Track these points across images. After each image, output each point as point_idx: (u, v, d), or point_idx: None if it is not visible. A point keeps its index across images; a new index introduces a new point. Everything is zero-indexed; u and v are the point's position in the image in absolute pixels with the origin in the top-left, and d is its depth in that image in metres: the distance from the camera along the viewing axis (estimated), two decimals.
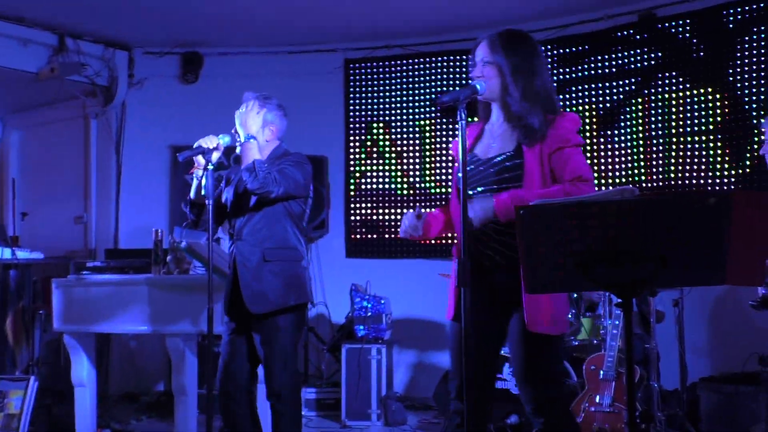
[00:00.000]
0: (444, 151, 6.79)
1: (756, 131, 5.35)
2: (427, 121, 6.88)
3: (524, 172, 2.76)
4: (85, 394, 4.89)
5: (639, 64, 6.02)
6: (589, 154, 6.14)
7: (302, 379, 6.01)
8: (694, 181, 5.68)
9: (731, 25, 5.57)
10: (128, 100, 7.21)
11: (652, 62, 5.96)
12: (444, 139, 6.82)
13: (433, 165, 6.85)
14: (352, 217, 7.00)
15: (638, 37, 6.02)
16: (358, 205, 6.99)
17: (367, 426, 5.61)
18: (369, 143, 7.02)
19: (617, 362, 4.29)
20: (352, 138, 7.06)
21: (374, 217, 6.95)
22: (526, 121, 2.78)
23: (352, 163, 7.03)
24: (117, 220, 7.26)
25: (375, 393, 5.68)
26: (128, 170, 7.27)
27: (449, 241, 6.55)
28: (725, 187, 5.55)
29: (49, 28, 6.57)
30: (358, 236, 6.99)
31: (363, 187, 7.00)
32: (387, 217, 6.92)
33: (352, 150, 7.05)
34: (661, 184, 5.85)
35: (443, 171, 6.80)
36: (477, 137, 2.96)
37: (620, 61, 6.11)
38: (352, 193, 7.01)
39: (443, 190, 6.77)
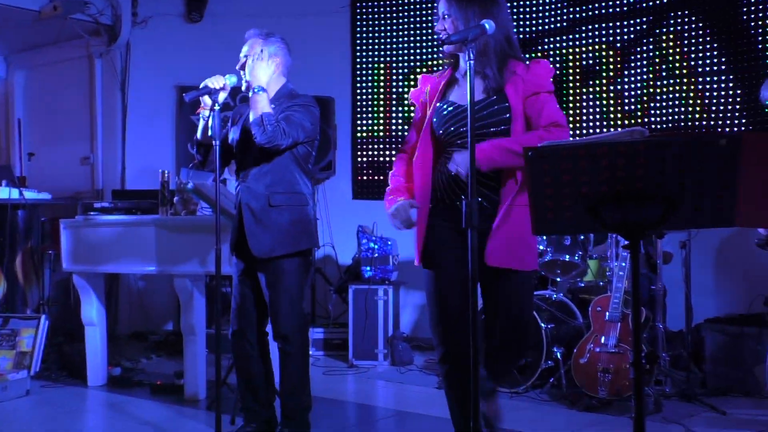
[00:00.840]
0: None
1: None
2: (435, 62, 6.79)
3: (512, 115, 2.82)
4: (95, 333, 4.96)
5: (651, 2, 5.90)
6: (599, 95, 6.07)
7: (309, 320, 6.06)
8: (705, 123, 5.62)
9: None
10: (132, 40, 7.14)
11: (665, 0, 5.84)
12: None
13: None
14: (359, 159, 6.98)
15: None
16: (364, 147, 6.96)
17: (374, 365, 5.69)
18: (376, 84, 6.95)
19: (623, 303, 4.31)
20: (359, 79, 6.98)
21: (381, 159, 6.92)
22: (482, 71, 2.83)
23: (358, 104, 6.98)
24: (123, 161, 7.26)
25: (382, 333, 5.73)
26: (134, 111, 7.23)
27: None
28: (736, 129, 5.49)
29: None
30: (365, 177, 6.97)
31: (369, 128, 6.96)
32: (393, 159, 6.87)
33: (359, 91, 6.98)
34: (671, 125, 5.78)
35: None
36: (447, 84, 2.99)
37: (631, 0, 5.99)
38: (358, 134, 6.97)
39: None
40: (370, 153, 6.96)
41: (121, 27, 7.03)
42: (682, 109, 5.73)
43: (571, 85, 6.21)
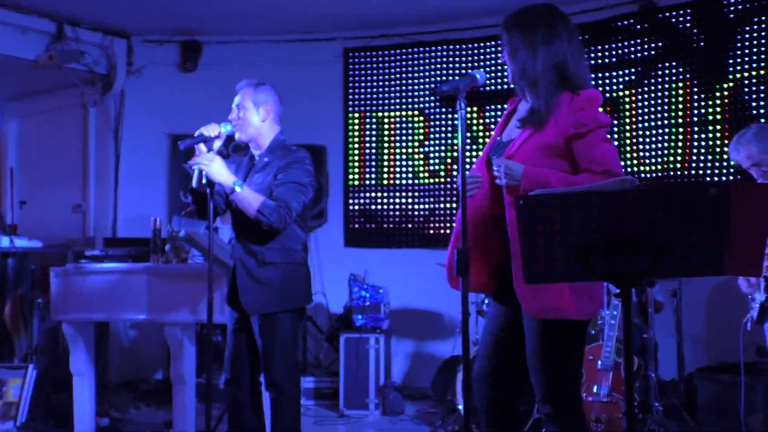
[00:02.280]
0: (442, 141, 6.78)
1: (756, 117, 5.34)
2: (427, 111, 6.87)
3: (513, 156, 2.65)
4: (83, 383, 4.89)
5: (640, 54, 6.01)
6: None
7: (301, 368, 6.02)
8: (694, 171, 5.68)
9: (731, 15, 5.56)
10: (127, 89, 7.19)
11: (653, 52, 5.94)
12: (443, 128, 6.81)
13: (432, 155, 6.84)
14: (351, 207, 7.00)
15: (639, 26, 6.01)
16: (356, 194, 6.99)
17: (365, 415, 5.63)
18: (368, 132, 7.01)
19: (615, 352, 4.30)
20: (351, 127, 7.05)
21: (373, 207, 6.95)
22: (532, 104, 2.70)
23: (351, 152, 7.03)
24: (115, 209, 7.26)
25: (373, 382, 5.69)
26: (127, 159, 7.26)
27: (446, 231, 6.56)
28: (724, 178, 5.55)
29: (47, 15, 6.54)
30: (357, 225, 6.99)
31: (361, 176, 6.99)
32: (385, 207, 6.92)
33: (351, 139, 7.04)
34: (661, 174, 5.84)
35: (441, 161, 6.79)
36: (506, 121, 2.87)
37: (621, 51, 6.09)
38: (350, 182, 7.01)
39: (438, 180, 6.75)
40: (362, 201, 6.98)
41: (116, 76, 7.10)
42: (672, 158, 5.80)
43: None
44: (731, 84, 5.55)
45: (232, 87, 3.76)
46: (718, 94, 5.61)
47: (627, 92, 6.06)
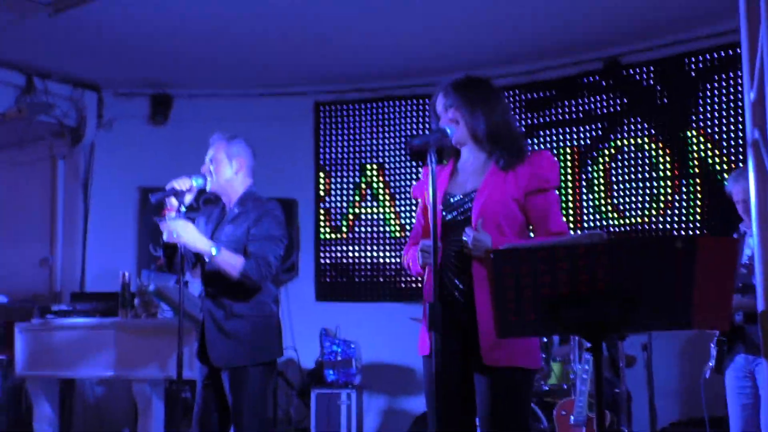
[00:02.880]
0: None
1: (718, 177, 5.45)
2: (397, 164, 6.92)
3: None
4: None
5: (605, 110, 6.13)
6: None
7: (271, 424, 5.92)
8: (661, 225, 5.76)
9: (693, 73, 5.71)
10: (97, 141, 7.16)
11: (618, 108, 6.07)
12: (413, 182, 6.85)
13: (402, 209, 6.87)
14: (322, 260, 6.98)
15: (604, 83, 6.15)
16: (328, 248, 6.98)
17: None
18: (339, 185, 7.03)
19: (587, 407, 4.29)
20: (322, 180, 7.07)
21: (344, 260, 6.94)
22: (496, 152, 2.77)
23: (321, 205, 7.04)
24: (83, 263, 7.16)
25: None
26: (96, 212, 7.18)
27: (418, 285, 6.54)
28: (690, 231, 5.63)
29: (16, 67, 6.52)
30: (328, 279, 6.96)
31: (333, 229, 6.99)
32: (357, 260, 6.90)
33: (322, 192, 7.06)
34: (628, 227, 5.92)
35: (412, 215, 6.83)
36: (449, 179, 2.91)
37: (587, 107, 6.22)
38: (322, 235, 7.00)
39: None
40: (333, 254, 6.97)
41: (86, 128, 7.07)
42: (638, 212, 5.88)
43: None
44: (694, 139, 5.67)
45: (202, 140, 3.77)
46: (680, 149, 5.73)
47: (593, 147, 6.16)
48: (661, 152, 5.83)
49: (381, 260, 6.84)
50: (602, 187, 6.08)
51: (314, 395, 5.68)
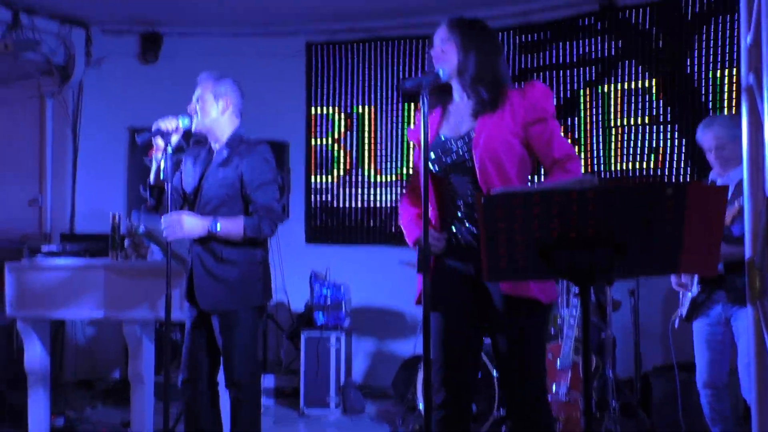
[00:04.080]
0: (405, 137, 6.77)
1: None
2: (389, 106, 6.86)
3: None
4: (38, 382, 4.79)
5: (599, 53, 6.06)
6: None
7: (261, 367, 5.98)
8: (652, 171, 5.75)
9: (689, 16, 5.63)
10: (85, 80, 7.07)
11: (613, 51, 6.00)
12: (405, 124, 6.80)
13: (394, 151, 6.83)
14: (313, 203, 6.97)
15: (599, 25, 6.06)
16: (319, 191, 6.96)
17: (326, 414, 5.61)
18: (331, 128, 6.98)
19: (573, 351, 4.33)
20: (313, 122, 7.01)
21: (335, 203, 6.92)
22: (478, 94, 2.76)
23: (313, 147, 6.99)
24: (73, 204, 7.13)
25: (334, 381, 5.67)
26: (85, 152, 7.13)
27: None
28: (681, 177, 5.62)
29: (1, 2, 6.36)
30: (319, 222, 6.96)
31: (324, 172, 6.96)
32: (347, 203, 6.89)
33: (313, 135, 7.00)
34: (619, 172, 5.91)
35: (405, 157, 6.79)
36: (440, 122, 2.90)
37: (581, 50, 6.14)
38: (313, 178, 6.97)
39: (402, 176, 6.75)
40: (324, 197, 6.95)
41: (74, 67, 6.96)
42: (630, 156, 5.86)
43: None
44: (689, 83, 5.63)
45: (192, 80, 3.71)
46: (675, 94, 5.69)
47: (587, 90, 6.11)
48: (655, 96, 5.78)
49: (372, 203, 6.83)
50: (595, 131, 6.04)
51: (304, 338, 5.73)
